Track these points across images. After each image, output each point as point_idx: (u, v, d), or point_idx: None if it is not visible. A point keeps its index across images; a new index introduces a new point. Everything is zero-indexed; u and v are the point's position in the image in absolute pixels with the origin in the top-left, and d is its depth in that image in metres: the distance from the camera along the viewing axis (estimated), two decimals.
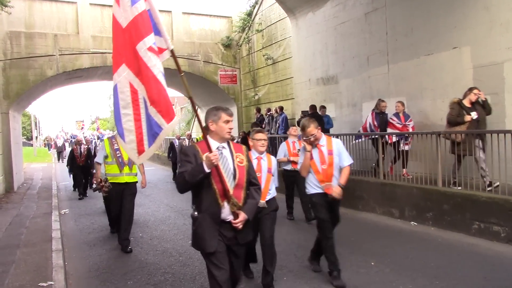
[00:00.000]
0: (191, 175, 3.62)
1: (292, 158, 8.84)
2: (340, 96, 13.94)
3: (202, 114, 17.16)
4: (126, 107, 3.79)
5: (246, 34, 20.05)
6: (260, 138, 5.62)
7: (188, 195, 4.53)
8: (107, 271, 6.42)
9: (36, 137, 48.36)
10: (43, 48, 16.56)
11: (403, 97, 11.26)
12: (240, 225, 3.73)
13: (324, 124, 13.01)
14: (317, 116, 14.59)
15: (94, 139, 34.67)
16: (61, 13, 17.29)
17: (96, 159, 7.95)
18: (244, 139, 13.51)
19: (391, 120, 10.44)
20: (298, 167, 6.48)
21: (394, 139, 10.24)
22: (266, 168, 5.64)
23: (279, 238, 7.89)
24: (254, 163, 5.46)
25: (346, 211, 8.88)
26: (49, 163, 30.39)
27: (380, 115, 10.79)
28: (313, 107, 15.05)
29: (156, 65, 3.71)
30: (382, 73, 12.13)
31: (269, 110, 17.24)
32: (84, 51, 17.35)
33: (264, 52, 18.54)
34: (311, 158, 5.47)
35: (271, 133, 15.47)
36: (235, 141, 13.83)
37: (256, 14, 19.29)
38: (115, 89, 3.86)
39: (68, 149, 39.32)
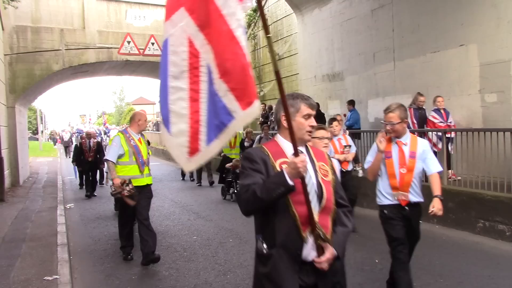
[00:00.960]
0: (266, 189, 2.41)
1: (337, 156, 7.79)
2: (346, 93, 13.91)
3: None
4: (178, 77, 2.56)
5: (252, 30, 20.02)
6: (323, 136, 4.23)
7: (195, 192, 4.47)
8: (112, 266, 6.45)
9: (42, 132, 48.51)
10: (49, 43, 16.58)
11: (409, 94, 11.21)
12: (326, 266, 2.57)
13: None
14: (320, 115, 14.58)
15: (100, 134, 34.58)
16: (67, 7, 17.30)
17: (109, 157, 6.32)
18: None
19: (431, 118, 9.42)
20: (350, 167, 6.80)
21: (435, 139, 9.16)
22: None
23: None
24: None
25: None
26: (54, 157, 30.48)
27: (418, 111, 9.83)
28: (316, 104, 15.02)
29: (236, 15, 2.42)
30: (388, 70, 12.09)
31: (270, 108, 17.21)
32: (90, 46, 17.36)
33: None
34: (389, 156, 4.40)
35: (275, 130, 15.48)
36: (256, 140, 13.22)
37: None
38: (165, 46, 2.62)
39: (74, 144, 39.38)
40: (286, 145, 2.68)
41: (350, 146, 8.10)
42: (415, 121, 9.77)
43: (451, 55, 10.21)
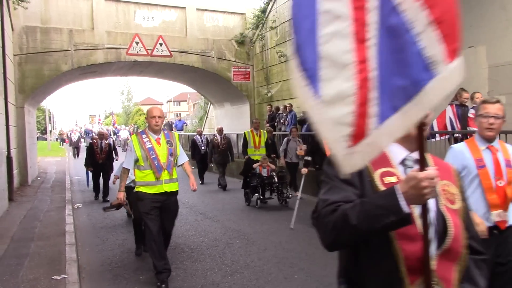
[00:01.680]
0: (366, 215, 1.57)
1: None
2: None
3: (214, 111, 16.84)
4: (333, 22, 1.50)
5: (260, 31, 20.03)
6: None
7: (201, 193, 4.49)
8: (119, 266, 6.48)
9: (50, 131, 48.77)
10: (58, 43, 16.69)
11: None
12: None
13: None
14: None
15: (110, 134, 34.58)
16: (77, 8, 17.40)
17: (124, 164, 5.78)
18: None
19: (472, 116, 8.23)
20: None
21: None
22: None
23: (289, 236, 7.92)
24: None
25: None
26: (62, 157, 30.64)
27: (461, 108, 8.76)
28: (277, 108, 15.27)
29: None
30: None
31: (277, 109, 17.24)
32: (99, 46, 17.45)
33: (277, 49, 18.51)
34: (483, 166, 3.37)
35: (281, 131, 15.52)
36: (284, 142, 12.42)
37: (270, 11, 19.27)
38: None
39: (83, 144, 39.08)
40: (394, 148, 1.81)
41: None
42: (457, 120, 8.70)
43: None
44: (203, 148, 16.23)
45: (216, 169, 15.28)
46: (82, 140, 38.68)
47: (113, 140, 24.14)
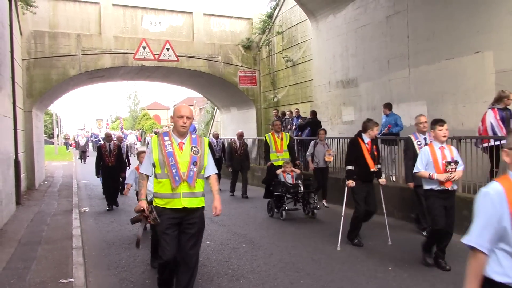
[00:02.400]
0: None
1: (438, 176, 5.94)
2: (360, 99, 13.89)
3: (220, 116, 16.84)
4: None
5: (267, 36, 20.09)
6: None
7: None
8: (125, 269, 6.49)
9: (58, 136, 48.97)
10: (66, 48, 16.81)
11: (424, 101, 11.19)
12: None
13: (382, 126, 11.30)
14: (316, 122, 14.63)
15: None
16: (84, 13, 17.53)
17: (142, 169, 4.91)
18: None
19: None
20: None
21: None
22: None
23: (295, 241, 7.92)
24: None
25: None
26: (69, 161, 30.77)
27: (504, 111, 8.08)
28: (313, 112, 15.20)
29: None
30: (402, 77, 12.05)
31: (284, 114, 17.26)
32: (106, 51, 17.56)
33: (284, 54, 18.55)
34: None
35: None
36: (311, 145, 11.52)
37: (276, 16, 19.32)
38: None
39: (90, 149, 38.99)
40: None
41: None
42: (501, 125, 7.92)
43: (466, 62, 10.16)
44: (217, 152, 15.46)
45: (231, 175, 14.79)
46: (90, 144, 38.60)
47: (127, 144, 23.51)
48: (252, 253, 7.14)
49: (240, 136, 14.47)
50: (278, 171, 10.32)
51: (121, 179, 12.60)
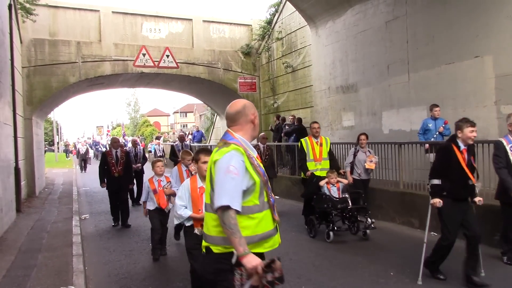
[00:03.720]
0: None
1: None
2: (360, 104, 13.89)
3: (221, 122, 16.77)
4: None
5: (266, 42, 20.13)
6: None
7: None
8: (126, 276, 6.47)
9: (58, 143, 48.95)
10: (66, 55, 16.84)
11: (424, 106, 11.18)
12: None
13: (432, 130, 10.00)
14: (302, 129, 14.67)
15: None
16: (84, 21, 17.58)
17: (233, 204, 2.79)
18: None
19: None
20: None
21: None
22: None
23: (297, 247, 7.89)
24: None
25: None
26: (70, 168, 30.76)
27: None
28: (299, 119, 15.23)
29: None
30: (402, 82, 12.06)
31: (284, 119, 17.28)
32: (106, 58, 17.59)
33: (283, 60, 18.58)
34: None
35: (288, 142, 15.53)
36: (351, 153, 9.93)
37: (276, 22, 19.37)
38: None
39: (91, 157, 38.49)
40: None
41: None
42: None
43: (466, 66, 10.17)
44: None
45: None
46: (91, 151, 38.21)
47: (141, 149, 23.04)
48: None
49: (264, 139, 12.28)
50: (322, 182, 8.58)
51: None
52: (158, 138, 33.09)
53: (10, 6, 11.77)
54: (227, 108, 3.15)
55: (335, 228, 8.20)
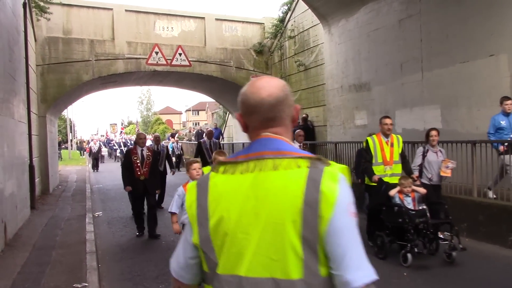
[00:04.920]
0: None
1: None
2: (373, 103, 13.82)
3: (233, 120, 16.76)
4: None
5: (278, 40, 20.09)
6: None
7: None
8: (139, 274, 6.51)
9: (71, 140, 49.26)
10: (80, 53, 16.94)
11: (438, 105, 11.11)
12: None
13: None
14: (306, 128, 14.57)
15: (131, 143, 33.63)
16: (98, 19, 17.67)
17: (371, 269, 1.55)
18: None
19: None
20: None
21: None
22: None
23: None
24: None
25: None
26: (83, 165, 30.98)
27: None
28: (304, 118, 15.05)
29: None
30: (416, 81, 11.98)
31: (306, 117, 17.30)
32: (119, 56, 17.67)
33: (296, 58, 18.53)
34: None
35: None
36: (419, 152, 8.35)
37: (288, 21, 19.32)
38: None
39: (105, 154, 38.20)
40: None
41: None
42: None
43: (480, 65, 10.07)
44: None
45: None
46: (104, 149, 37.79)
47: (179, 147, 21.36)
48: None
49: (300, 136, 10.45)
50: (393, 192, 7.08)
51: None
52: (173, 135, 32.34)
53: (24, 5, 11.87)
54: (256, 92, 1.60)
55: (415, 249, 6.45)
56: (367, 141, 7.64)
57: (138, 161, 8.93)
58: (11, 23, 9.98)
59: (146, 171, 8.93)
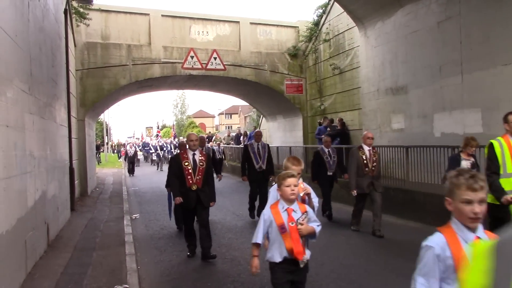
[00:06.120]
0: None
1: None
2: (410, 107, 13.60)
3: (267, 124, 16.66)
4: None
5: (313, 43, 20.02)
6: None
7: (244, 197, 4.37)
8: (177, 277, 6.56)
9: (107, 143, 50.16)
10: (117, 58, 17.27)
11: (478, 109, 10.85)
12: None
13: None
14: (342, 132, 14.23)
15: (169, 148, 33.78)
16: (135, 24, 17.98)
17: None
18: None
19: None
20: None
21: None
22: None
23: (347, 251, 7.79)
24: None
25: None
26: (119, 168, 31.51)
27: None
28: (342, 122, 15.35)
29: None
30: (455, 84, 11.73)
31: (332, 121, 17.17)
32: (156, 61, 17.93)
33: (331, 61, 18.42)
34: None
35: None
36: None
37: (323, 24, 19.23)
38: None
39: (140, 158, 38.27)
40: None
41: None
42: None
43: None
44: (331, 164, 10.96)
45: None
46: (139, 154, 37.79)
47: (172, 153, 18.90)
48: None
49: (369, 138, 9.21)
50: None
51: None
52: (209, 138, 31.28)
53: (65, 11, 12.16)
54: None
55: None
56: (491, 146, 5.75)
57: (189, 168, 7.39)
58: (54, 29, 10.26)
59: (200, 179, 7.40)
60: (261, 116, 28.34)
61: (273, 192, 4.69)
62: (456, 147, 9.57)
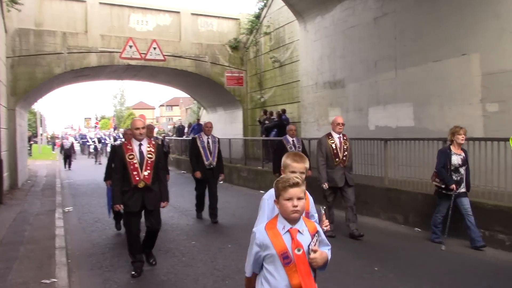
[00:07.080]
0: None
1: None
2: (347, 100, 13.91)
3: (207, 116, 16.62)
4: None
5: (254, 36, 20.07)
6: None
7: (193, 197, 4.42)
8: (109, 270, 6.40)
9: (41, 134, 48.33)
10: (52, 46, 16.63)
11: (410, 103, 11.24)
12: None
13: None
14: (282, 125, 14.72)
15: (108, 140, 33.04)
16: (71, 11, 17.36)
17: None
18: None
19: None
20: None
21: None
22: None
23: None
24: None
25: None
26: (53, 160, 30.43)
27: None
28: (279, 114, 15.74)
29: None
30: (389, 78, 12.09)
31: (271, 113, 17.29)
32: (92, 49, 17.42)
33: (271, 54, 18.54)
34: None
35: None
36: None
37: (264, 17, 19.31)
38: None
39: (77, 150, 36.95)
40: None
41: None
42: None
43: (453, 64, 10.21)
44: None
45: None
46: (77, 145, 36.59)
47: (165, 144, 16.50)
48: (238, 253, 7.01)
49: (339, 124, 8.26)
50: None
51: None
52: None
53: None
54: None
55: None
56: None
57: (135, 162, 6.06)
58: None
59: (148, 175, 6.11)
60: (202, 108, 28.16)
61: (269, 200, 3.27)
62: (389, 140, 9.90)
